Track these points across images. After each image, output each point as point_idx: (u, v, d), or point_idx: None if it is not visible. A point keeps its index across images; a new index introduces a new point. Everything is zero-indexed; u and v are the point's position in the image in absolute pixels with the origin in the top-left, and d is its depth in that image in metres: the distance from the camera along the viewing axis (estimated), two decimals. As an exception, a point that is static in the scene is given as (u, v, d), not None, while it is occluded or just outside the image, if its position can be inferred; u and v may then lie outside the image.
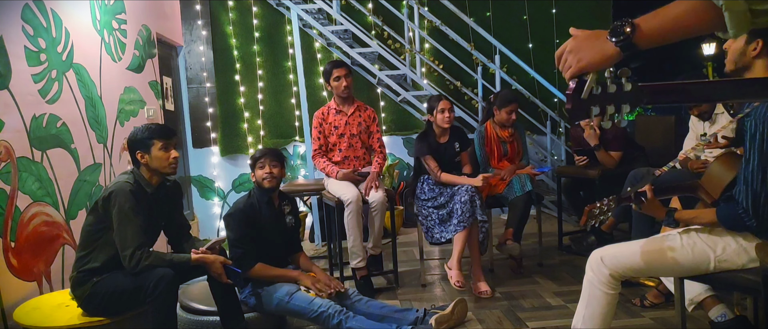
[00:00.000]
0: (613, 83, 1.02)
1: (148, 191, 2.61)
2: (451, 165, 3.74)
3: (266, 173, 2.96)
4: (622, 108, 1.02)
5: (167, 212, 2.77)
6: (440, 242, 3.57)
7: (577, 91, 1.02)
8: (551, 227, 4.81)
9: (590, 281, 2.07)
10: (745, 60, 1.90)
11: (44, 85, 3.13)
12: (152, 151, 2.58)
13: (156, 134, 2.60)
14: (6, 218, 2.73)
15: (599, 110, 1.03)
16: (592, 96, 1.02)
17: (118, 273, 2.50)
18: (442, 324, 2.88)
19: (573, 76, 1.07)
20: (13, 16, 2.93)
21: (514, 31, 6.04)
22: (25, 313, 2.55)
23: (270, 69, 5.78)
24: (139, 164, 2.62)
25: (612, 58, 1.07)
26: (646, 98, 1.03)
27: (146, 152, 2.59)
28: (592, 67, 1.06)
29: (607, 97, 1.02)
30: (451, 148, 3.76)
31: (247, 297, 2.91)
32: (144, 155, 2.59)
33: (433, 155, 3.69)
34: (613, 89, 1.02)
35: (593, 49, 1.07)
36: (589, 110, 1.02)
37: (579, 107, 1.02)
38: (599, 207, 2.20)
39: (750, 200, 1.78)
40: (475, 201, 3.45)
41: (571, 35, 1.14)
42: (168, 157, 2.61)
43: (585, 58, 1.07)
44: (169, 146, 2.61)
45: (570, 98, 1.03)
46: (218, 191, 5.79)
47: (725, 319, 2.43)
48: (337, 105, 3.90)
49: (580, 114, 1.02)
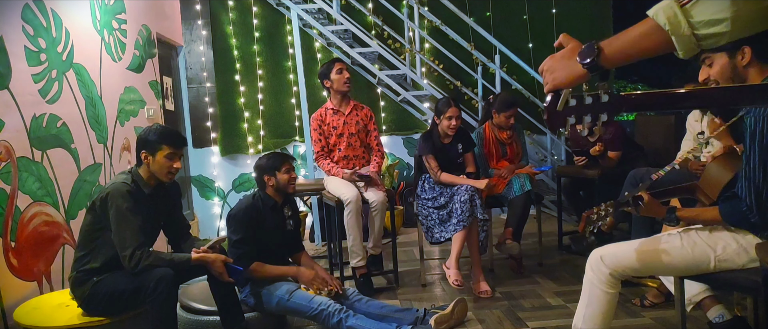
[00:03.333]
0: (589, 95, 1.14)
1: (145, 191, 2.60)
2: (453, 166, 3.74)
3: (293, 178, 3.04)
4: (598, 117, 1.14)
5: (166, 212, 2.77)
6: (440, 241, 3.57)
7: (553, 103, 1.15)
8: (551, 227, 4.81)
9: (590, 280, 2.08)
10: (739, 73, 1.87)
11: (44, 85, 3.13)
12: (157, 155, 2.56)
13: (167, 141, 2.57)
14: (6, 218, 2.73)
15: (575, 119, 1.15)
16: (568, 108, 1.14)
17: (118, 273, 2.50)
18: (442, 323, 2.88)
19: (548, 92, 1.19)
20: (13, 16, 2.93)
21: (514, 31, 6.04)
22: (25, 313, 2.55)
23: (270, 69, 5.78)
24: (141, 163, 2.62)
25: (581, 78, 1.19)
26: (625, 107, 1.13)
27: (151, 155, 2.57)
28: (564, 85, 1.19)
29: (583, 108, 1.14)
30: (454, 149, 3.76)
31: (247, 296, 2.91)
32: (148, 157, 2.57)
33: (436, 155, 3.70)
34: (589, 101, 1.14)
35: (565, 70, 1.21)
36: (565, 121, 1.14)
37: (555, 118, 1.15)
38: (597, 212, 2.21)
39: (753, 196, 1.78)
40: (475, 201, 3.45)
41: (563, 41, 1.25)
42: (170, 166, 2.58)
43: (558, 77, 1.21)
44: (175, 156, 2.59)
45: (546, 110, 1.17)
46: (218, 191, 5.80)
47: (723, 320, 2.43)
48: (334, 105, 3.90)
49: (557, 123, 1.15)
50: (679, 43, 1.07)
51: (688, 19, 1.05)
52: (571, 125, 1.16)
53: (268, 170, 3.02)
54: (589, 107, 1.14)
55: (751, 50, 1.83)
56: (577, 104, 1.15)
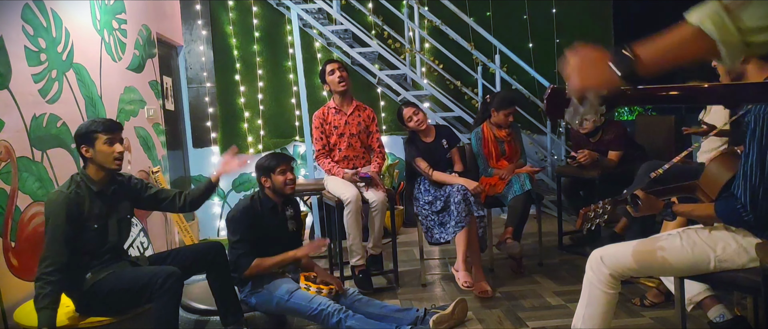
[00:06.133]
0: None
1: (93, 189, 2.53)
2: (442, 163, 3.76)
3: (289, 180, 3.02)
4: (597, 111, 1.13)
5: (129, 205, 2.71)
6: (440, 242, 3.57)
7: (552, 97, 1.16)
8: (551, 227, 4.81)
9: (590, 280, 2.07)
10: (737, 69, 1.89)
11: (44, 85, 3.13)
12: (96, 145, 2.51)
13: (99, 128, 2.51)
14: (6, 218, 2.73)
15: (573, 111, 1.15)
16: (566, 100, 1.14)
17: (119, 270, 2.49)
18: (442, 324, 2.88)
19: (577, 94, 1.13)
20: (13, 16, 2.93)
21: (514, 31, 6.04)
22: (25, 313, 2.55)
23: (270, 69, 5.78)
24: (87, 160, 2.55)
25: (613, 85, 1.10)
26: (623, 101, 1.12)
27: (90, 147, 2.51)
28: (594, 90, 1.11)
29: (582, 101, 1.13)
30: (439, 146, 3.78)
31: (247, 296, 2.91)
32: (88, 150, 2.52)
33: (423, 156, 3.71)
34: None
35: (596, 75, 1.11)
36: (563, 112, 1.15)
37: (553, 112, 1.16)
38: (594, 210, 2.21)
39: (748, 195, 1.78)
40: (469, 199, 3.46)
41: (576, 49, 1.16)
42: (112, 151, 2.52)
43: (588, 81, 1.12)
44: (113, 141, 2.53)
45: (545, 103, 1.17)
46: (218, 191, 5.79)
47: (724, 320, 2.43)
48: (336, 105, 3.90)
49: (556, 115, 1.16)
50: (727, 51, 1.00)
51: (737, 25, 0.98)
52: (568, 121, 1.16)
53: (264, 172, 3.02)
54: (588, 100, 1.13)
55: None
56: None
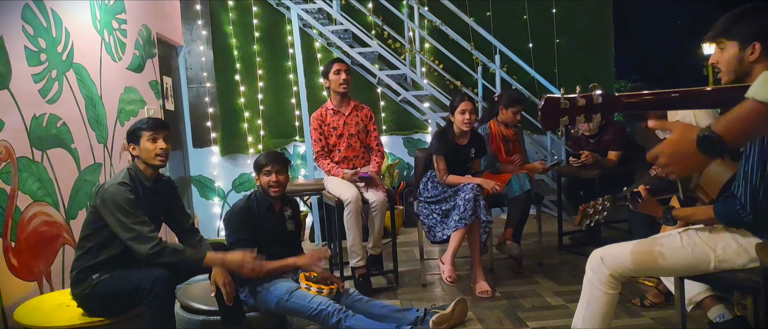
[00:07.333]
0: (582, 97, 1.17)
1: (147, 184, 2.63)
2: (461, 169, 3.70)
3: (273, 181, 2.96)
4: (592, 118, 1.17)
5: (165, 207, 2.78)
6: (442, 240, 3.56)
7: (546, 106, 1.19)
8: (551, 227, 4.81)
9: (590, 281, 2.07)
10: (743, 67, 1.85)
11: (44, 85, 3.13)
12: (141, 142, 2.60)
13: (144, 125, 2.62)
14: (6, 218, 2.73)
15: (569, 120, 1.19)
16: (561, 110, 1.18)
17: (117, 272, 2.49)
18: (442, 323, 2.88)
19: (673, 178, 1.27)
20: (13, 16, 2.93)
21: (514, 31, 6.04)
22: (25, 313, 2.55)
23: (270, 69, 5.78)
24: (134, 158, 2.65)
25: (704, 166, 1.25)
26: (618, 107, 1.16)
27: (137, 145, 2.61)
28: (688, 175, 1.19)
29: (576, 109, 1.17)
30: (467, 152, 3.70)
31: (247, 296, 2.91)
32: (135, 148, 2.62)
33: (447, 157, 3.64)
34: (582, 103, 1.16)
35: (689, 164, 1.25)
36: (558, 122, 1.19)
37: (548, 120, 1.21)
38: (593, 206, 2.21)
39: (748, 196, 1.78)
40: (479, 201, 3.44)
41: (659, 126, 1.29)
42: (156, 148, 2.60)
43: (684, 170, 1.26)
44: (156, 138, 2.61)
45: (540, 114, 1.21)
46: (218, 191, 5.80)
47: (724, 320, 2.43)
48: (334, 105, 3.89)
49: (551, 126, 1.22)
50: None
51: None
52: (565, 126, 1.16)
53: (256, 170, 3.03)
54: (582, 108, 1.14)
55: (761, 47, 1.80)
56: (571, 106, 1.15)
